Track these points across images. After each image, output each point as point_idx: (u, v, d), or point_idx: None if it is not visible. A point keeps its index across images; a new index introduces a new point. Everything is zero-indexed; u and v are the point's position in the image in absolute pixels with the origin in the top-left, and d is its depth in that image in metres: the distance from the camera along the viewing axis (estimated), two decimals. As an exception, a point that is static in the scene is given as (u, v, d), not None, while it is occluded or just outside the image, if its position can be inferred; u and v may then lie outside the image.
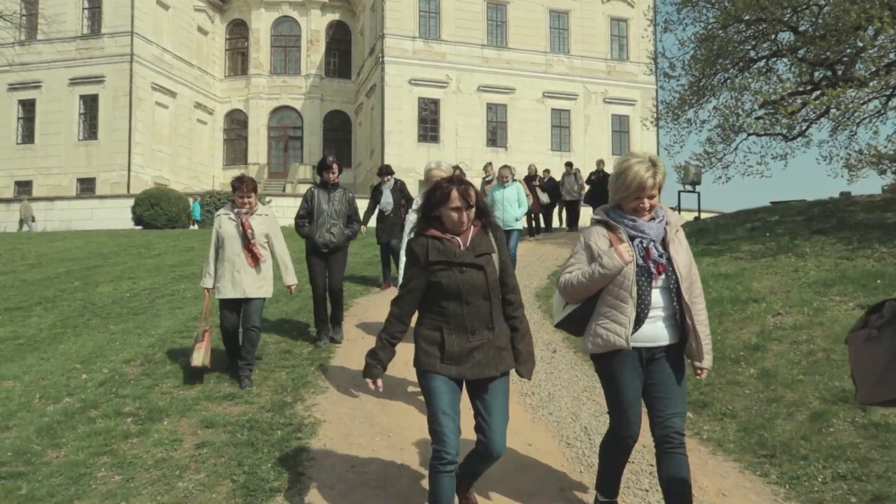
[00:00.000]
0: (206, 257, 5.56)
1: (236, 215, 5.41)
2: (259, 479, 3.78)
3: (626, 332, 2.85)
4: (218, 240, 5.46)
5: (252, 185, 5.48)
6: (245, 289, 5.36)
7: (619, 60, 34.00)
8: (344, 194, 6.58)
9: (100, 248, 14.68)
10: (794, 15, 11.01)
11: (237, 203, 5.46)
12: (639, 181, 2.88)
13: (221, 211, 5.57)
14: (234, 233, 5.37)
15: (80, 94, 31.14)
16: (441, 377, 2.97)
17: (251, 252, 5.36)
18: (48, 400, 5.15)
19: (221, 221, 5.47)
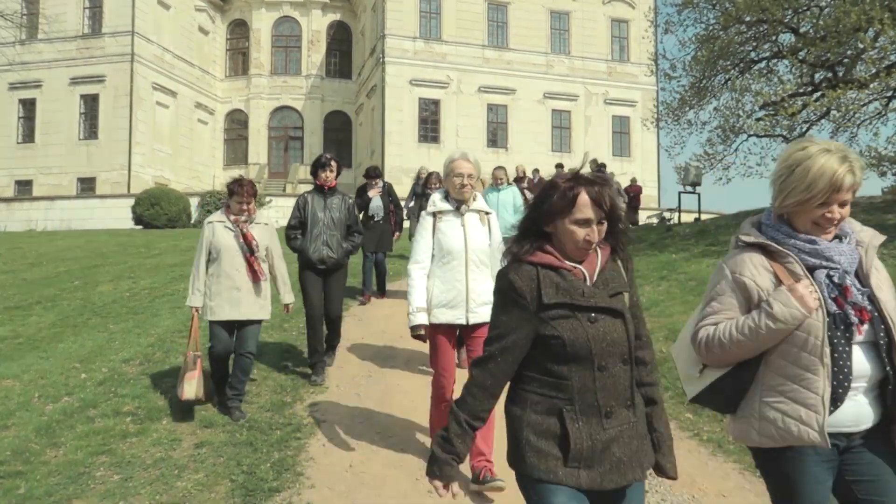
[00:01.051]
0: (193, 270, 4.79)
1: (234, 224, 4.75)
2: (258, 478, 3.78)
3: (819, 419, 1.88)
4: (211, 251, 4.75)
5: (252, 189, 4.82)
6: (245, 309, 4.71)
7: (620, 61, 33.99)
8: (343, 201, 5.70)
9: (100, 248, 14.67)
10: (795, 16, 11.01)
11: (234, 209, 4.79)
12: (830, 179, 1.90)
13: (214, 217, 4.82)
14: (233, 244, 4.71)
15: (81, 93, 31.12)
16: (566, 490, 1.86)
17: (252, 268, 4.73)
18: (47, 399, 5.15)
19: (215, 230, 4.74)
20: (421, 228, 3.92)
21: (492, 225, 3.92)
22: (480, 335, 3.66)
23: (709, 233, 11.09)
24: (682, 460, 3.99)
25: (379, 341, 6.71)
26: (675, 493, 3.67)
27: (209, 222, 4.81)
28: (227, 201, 4.83)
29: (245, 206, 4.80)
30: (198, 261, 4.76)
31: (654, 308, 7.18)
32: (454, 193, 3.83)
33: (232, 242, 4.73)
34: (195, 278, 4.74)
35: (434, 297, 3.75)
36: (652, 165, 33.80)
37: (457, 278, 3.75)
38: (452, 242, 3.77)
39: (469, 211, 3.85)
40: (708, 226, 12.23)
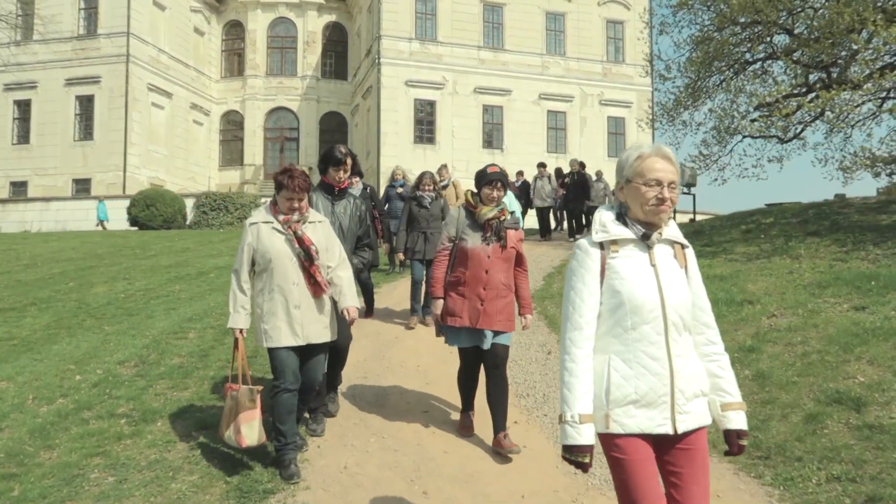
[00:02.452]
0: (233, 283, 3.87)
1: (284, 225, 3.82)
2: (253, 480, 3.77)
3: None
4: (256, 260, 3.86)
5: (305, 182, 3.85)
6: (309, 332, 3.82)
7: (615, 62, 34.04)
8: (355, 205, 4.69)
9: (95, 249, 14.64)
10: (790, 17, 11.04)
11: (283, 207, 3.84)
12: None
13: (257, 217, 3.92)
14: (286, 251, 3.79)
15: (76, 94, 31.06)
16: None
17: (314, 279, 3.81)
18: (41, 401, 5.13)
19: (261, 233, 3.83)
20: (579, 269, 2.20)
21: (690, 264, 2.28)
22: (693, 447, 2.17)
23: (704, 234, 11.12)
24: (677, 461, 3.99)
25: (374, 343, 6.71)
26: (670, 494, 3.67)
27: (252, 223, 3.87)
28: (275, 197, 3.90)
29: (297, 202, 3.82)
30: (238, 272, 3.86)
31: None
32: (641, 212, 2.19)
33: (284, 248, 3.80)
34: (236, 293, 3.84)
35: (614, 389, 2.11)
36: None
37: (653, 355, 2.11)
38: (640, 293, 2.12)
39: (661, 242, 2.22)
40: (703, 226, 12.27)
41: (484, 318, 4.18)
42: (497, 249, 4.24)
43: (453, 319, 4.24)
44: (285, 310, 3.78)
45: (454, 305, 4.26)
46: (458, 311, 4.23)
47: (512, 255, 4.30)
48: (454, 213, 4.40)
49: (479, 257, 4.22)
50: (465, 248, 4.26)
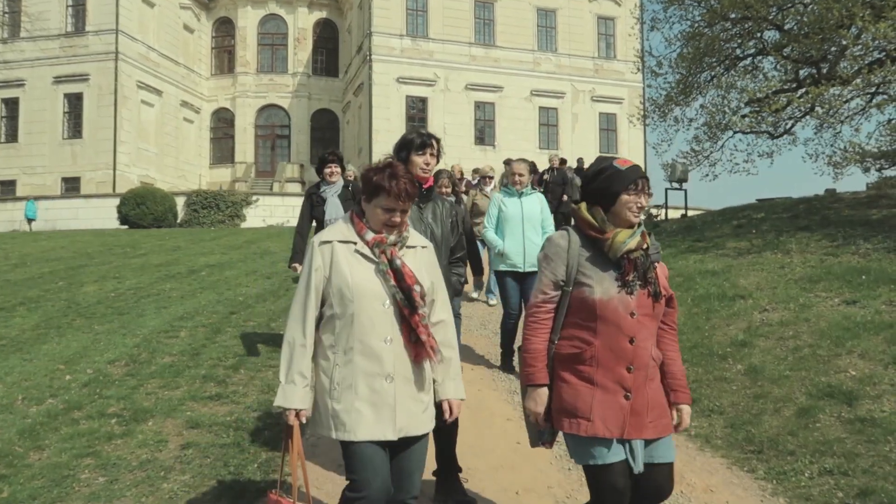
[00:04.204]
0: (288, 334, 2.47)
1: (375, 249, 2.45)
2: (245, 479, 3.75)
3: None
4: (331, 301, 2.45)
5: (415, 187, 2.52)
6: (406, 420, 2.42)
7: (607, 59, 34.09)
8: (445, 208, 3.62)
9: (85, 248, 14.54)
10: (780, 13, 11.06)
11: (375, 220, 2.48)
12: None
13: (333, 233, 2.51)
14: (378, 290, 2.42)
15: (65, 92, 30.83)
16: None
17: (416, 336, 2.43)
18: (31, 401, 5.09)
19: (338, 259, 2.45)
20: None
21: None
22: None
23: (695, 229, 11.14)
24: (670, 456, 4.00)
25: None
26: (664, 489, 3.67)
27: (324, 242, 2.46)
28: (362, 205, 2.52)
29: (399, 215, 2.46)
30: (300, 317, 2.43)
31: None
32: None
33: (374, 286, 2.41)
34: (293, 351, 2.41)
35: None
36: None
37: None
38: None
39: None
40: (695, 222, 12.30)
41: (633, 420, 2.41)
42: (645, 301, 2.45)
43: (576, 423, 2.42)
44: (371, 382, 2.37)
45: (575, 399, 2.43)
46: (585, 410, 2.41)
47: (662, 308, 2.54)
48: (560, 242, 2.52)
49: (619, 316, 2.42)
50: (590, 301, 2.42)
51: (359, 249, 2.44)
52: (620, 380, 2.42)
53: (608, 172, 2.50)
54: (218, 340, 6.59)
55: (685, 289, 7.31)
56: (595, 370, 2.43)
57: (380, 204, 2.44)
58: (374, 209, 2.46)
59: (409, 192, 2.45)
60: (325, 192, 5.88)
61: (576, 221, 2.58)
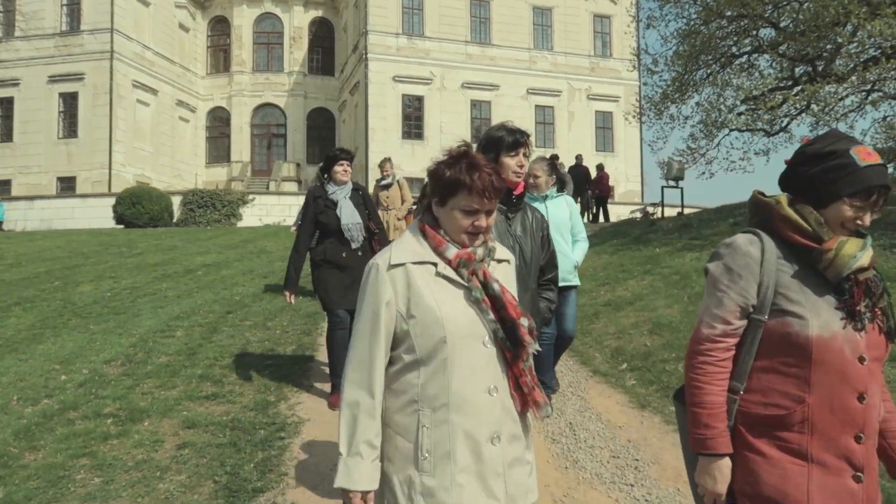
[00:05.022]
0: (349, 391, 1.80)
1: (463, 271, 1.82)
2: (241, 479, 3.74)
3: None
4: (411, 342, 1.79)
5: (502, 181, 1.88)
6: (514, 489, 1.82)
7: (603, 57, 34.11)
8: (536, 219, 2.99)
9: (80, 248, 14.50)
10: (775, 11, 11.09)
11: (455, 230, 1.85)
12: None
13: (403, 254, 1.83)
14: (475, 325, 1.80)
15: (60, 91, 30.72)
16: None
17: (520, 383, 1.85)
18: (26, 401, 5.07)
19: (415, 286, 1.80)
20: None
21: None
22: None
23: (691, 227, 11.16)
24: (668, 453, 4.01)
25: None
26: (661, 486, 3.68)
27: (395, 266, 1.82)
28: (433, 210, 1.90)
29: (484, 218, 1.86)
30: (365, 370, 1.81)
31: (639, 302, 7.21)
32: None
33: (468, 319, 1.81)
34: (359, 414, 1.78)
35: None
36: (635, 160, 33.97)
37: None
38: None
39: None
40: (691, 220, 12.30)
41: None
42: (877, 340, 1.75)
43: None
44: (475, 447, 1.76)
45: (781, 481, 1.70)
46: (797, 498, 1.68)
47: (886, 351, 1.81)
48: (749, 249, 1.80)
49: (844, 361, 1.70)
50: (800, 338, 1.70)
51: (442, 272, 1.80)
52: (847, 454, 1.67)
53: (842, 161, 1.72)
54: (214, 340, 6.58)
55: (681, 286, 7.32)
56: (809, 439, 1.68)
57: (458, 205, 1.81)
58: (451, 213, 1.83)
59: (496, 187, 1.82)
60: (336, 194, 4.98)
61: (771, 222, 1.82)
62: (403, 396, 1.79)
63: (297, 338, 6.67)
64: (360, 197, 5.17)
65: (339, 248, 4.96)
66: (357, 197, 5.14)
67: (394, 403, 1.80)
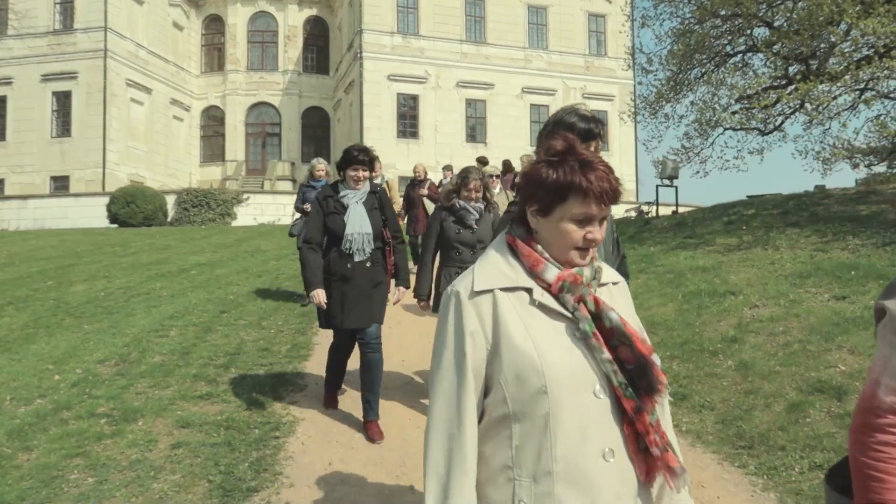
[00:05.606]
0: (432, 454, 1.39)
1: (568, 297, 1.41)
2: (236, 478, 3.73)
3: None
4: (504, 392, 1.38)
5: (616, 182, 1.44)
6: None
7: (598, 56, 34.15)
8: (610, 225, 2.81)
9: (74, 247, 14.44)
10: (769, 10, 11.11)
11: (561, 246, 1.43)
12: None
13: (489, 278, 1.42)
14: (583, 369, 1.38)
15: (53, 90, 30.59)
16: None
17: (643, 442, 1.39)
18: (19, 401, 5.04)
19: (506, 320, 1.38)
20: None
21: None
22: None
23: (686, 225, 11.18)
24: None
25: (358, 338, 6.67)
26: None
27: (480, 292, 1.40)
28: (530, 220, 1.47)
29: (597, 229, 1.44)
30: (453, 422, 1.39)
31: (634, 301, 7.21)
32: None
33: (576, 363, 1.38)
34: (450, 480, 1.37)
35: None
36: (630, 159, 34.04)
37: None
38: None
39: None
40: (685, 219, 12.33)
41: None
42: None
43: None
44: None
45: None
46: None
47: None
48: None
49: None
50: None
51: (539, 299, 1.41)
52: None
53: None
54: (209, 339, 6.56)
55: (676, 285, 7.34)
56: None
57: (569, 213, 1.41)
58: (559, 224, 1.42)
59: (613, 188, 1.43)
60: (347, 198, 4.45)
61: None
62: (494, 462, 1.41)
63: (291, 337, 6.65)
64: (376, 200, 4.55)
65: (343, 257, 4.37)
66: (372, 200, 4.53)
67: (482, 470, 1.42)
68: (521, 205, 1.50)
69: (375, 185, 4.69)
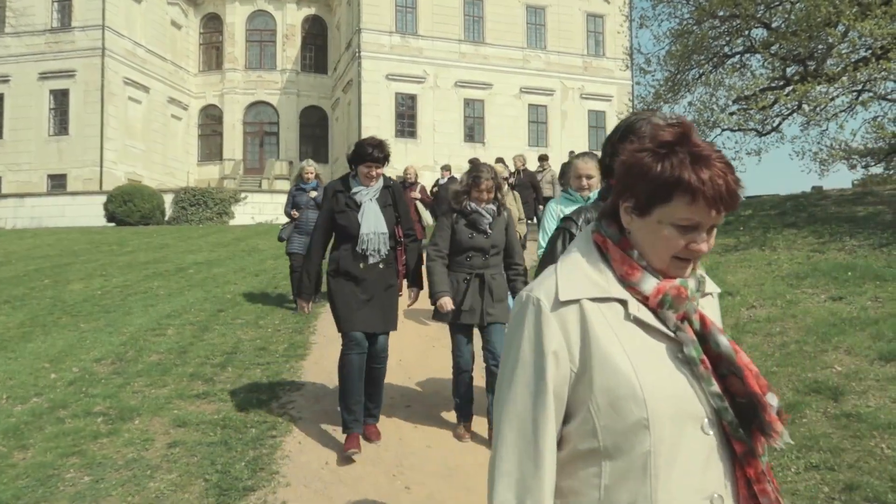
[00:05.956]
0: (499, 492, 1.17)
1: (669, 313, 1.19)
2: (232, 478, 3.72)
3: None
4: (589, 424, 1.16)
5: (736, 183, 1.15)
6: None
7: (596, 56, 34.16)
8: None
9: (71, 246, 14.42)
10: (767, 11, 11.12)
11: (661, 253, 1.19)
12: None
13: (575, 286, 1.19)
14: (695, 404, 1.16)
15: (51, 88, 30.52)
16: None
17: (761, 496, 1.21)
18: (15, 400, 5.04)
19: (597, 337, 1.16)
20: None
21: None
22: None
23: (684, 226, 11.19)
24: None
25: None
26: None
27: (567, 302, 1.17)
28: (624, 221, 1.23)
29: (706, 240, 1.18)
30: (525, 455, 1.16)
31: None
32: None
33: (681, 392, 1.16)
34: None
35: None
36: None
37: None
38: None
39: None
40: (683, 219, 12.34)
41: None
42: None
43: None
44: None
45: None
46: None
47: None
48: None
49: None
50: None
51: (635, 314, 1.19)
52: None
53: None
54: (205, 338, 6.55)
55: (673, 285, 7.33)
56: None
57: (673, 216, 1.17)
58: (659, 228, 1.18)
59: (731, 193, 1.15)
60: (361, 195, 4.19)
61: None
62: (583, 499, 1.17)
63: (288, 336, 6.65)
64: (389, 196, 4.29)
65: (356, 256, 4.12)
66: (386, 196, 4.27)
67: None
68: (613, 197, 1.26)
69: (388, 178, 4.39)
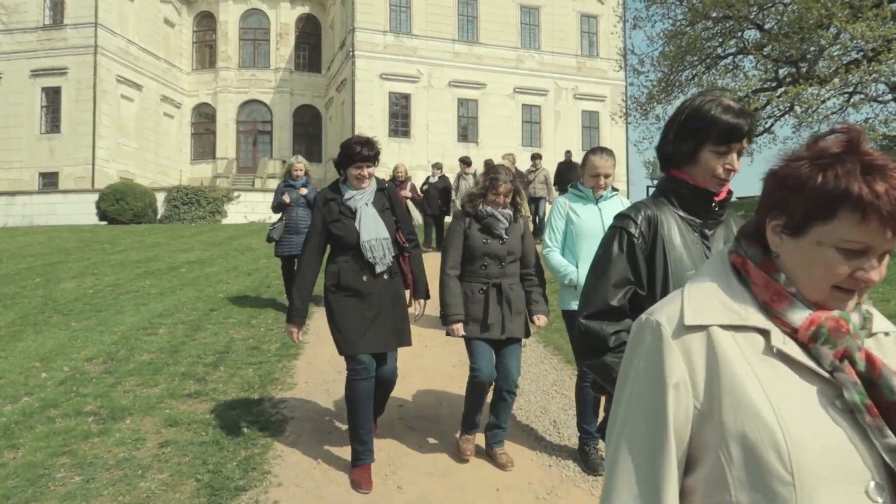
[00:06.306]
0: None
1: (825, 349, 0.98)
2: (224, 477, 3.71)
3: None
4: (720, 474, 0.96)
5: None
6: None
7: (590, 56, 34.22)
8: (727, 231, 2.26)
9: (62, 244, 14.34)
10: (760, 13, 11.18)
11: (818, 281, 0.99)
12: None
13: (703, 311, 1.02)
14: (856, 462, 0.93)
15: (42, 86, 30.34)
16: None
17: None
18: (6, 399, 5.01)
19: (733, 374, 0.97)
20: None
21: None
22: None
23: (676, 226, 11.24)
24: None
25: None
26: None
27: (693, 328, 1.02)
28: (771, 237, 1.04)
29: (877, 266, 0.98)
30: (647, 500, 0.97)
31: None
32: None
33: (839, 446, 0.93)
34: None
35: None
36: (621, 160, 34.12)
37: None
38: None
39: None
40: (675, 220, 12.38)
41: None
42: None
43: None
44: None
45: None
46: None
47: None
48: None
49: None
50: None
51: (779, 347, 1.00)
52: None
53: None
54: (197, 338, 6.54)
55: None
56: None
57: (834, 237, 0.98)
58: (816, 250, 0.99)
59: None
60: (355, 200, 3.87)
61: None
62: None
63: (281, 336, 6.64)
64: (385, 199, 3.97)
65: (358, 269, 3.75)
66: (382, 200, 3.96)
67: None
68: (758, 215, 1.08)
69: (381, 181, 4.08)
